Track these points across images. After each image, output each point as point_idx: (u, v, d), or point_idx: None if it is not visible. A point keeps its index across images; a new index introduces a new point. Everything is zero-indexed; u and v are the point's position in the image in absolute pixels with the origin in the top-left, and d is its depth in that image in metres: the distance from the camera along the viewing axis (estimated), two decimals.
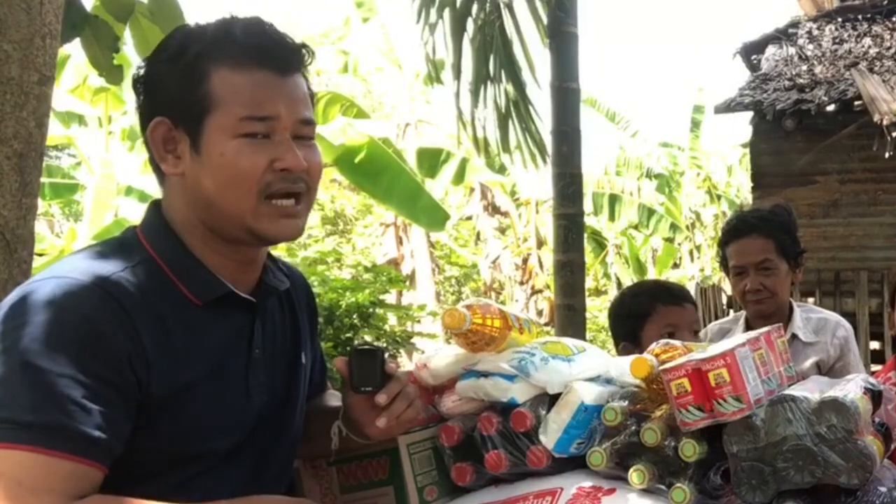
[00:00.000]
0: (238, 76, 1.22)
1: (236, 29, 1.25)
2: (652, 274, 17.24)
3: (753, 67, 10.17)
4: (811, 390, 1.33)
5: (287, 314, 1.42)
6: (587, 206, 13.05)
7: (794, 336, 2.63)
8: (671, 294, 2.36)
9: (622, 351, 2.27)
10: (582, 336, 5.18)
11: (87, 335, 1.13)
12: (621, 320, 2.38)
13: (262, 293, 1.34)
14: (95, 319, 1.14)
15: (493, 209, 16.25)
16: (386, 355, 1.37)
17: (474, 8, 5.38)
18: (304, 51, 1.29)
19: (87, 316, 1.14)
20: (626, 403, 1.39)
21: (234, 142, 1.21)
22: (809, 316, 2.71)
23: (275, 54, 1.25)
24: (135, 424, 1.18)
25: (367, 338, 6.43)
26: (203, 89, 1.22)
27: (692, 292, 9.91)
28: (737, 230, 2.66)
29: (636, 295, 2.44)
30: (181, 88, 1.22)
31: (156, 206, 1.32)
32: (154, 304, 1.20)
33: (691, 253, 18.32)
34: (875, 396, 1.38)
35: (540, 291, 15.89)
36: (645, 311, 2.30)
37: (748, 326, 2.65)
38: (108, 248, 1.27)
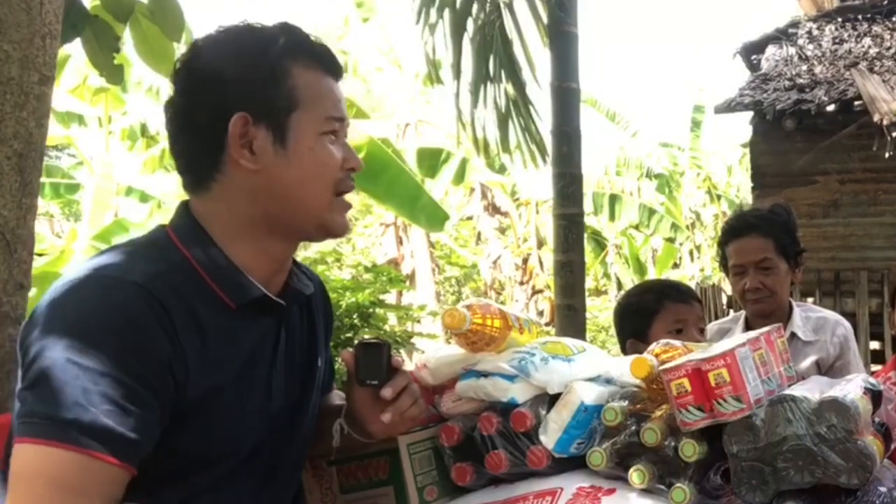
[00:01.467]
0: (314, 77, 1.28)
1: (306, 33, 1.32)
2: (652, 274, 17.23)
3: (753, 67, 10.17)
4: (811, 390, 1.33)
5: (305, 318, 1.42)
6: (587, 206, 13.02)
7: (793, 335, 2.63)
8: (679, 291, 2.37)
9: (630, 348, 2.27)
10: (582, 336, 5.18)
11: (132, 336, 1.13)
12: (628, 318, 2.39)
13: (289, 297, 1.34)
14: (141, 321, 1.14)
15: (493, 209, 16.24)
16: (392, 350, 1.37)
17: (474, 8, 5.38)
18: None
19: (133, 317, 1.14)
20: (626, 403, 1.39)
21: (320, 138, 1.28)
22: (809, 315, 2.71)
23: (334, 61, 1.33)
24: (165, 426, 1.18)
25: (368, 337, 6.42)
26: (287, 87, 1.26)
27: None
28: (736, 229, 2.66)
29: (644, 293, 2.45)
30: (265, 85, 1.25)
31: (187, 208, 1.31)
32: (191, 307, 1.20)
33: (691, 253, 18.31)
34: (875, 396, 1.38)
35: (540, 291, 15.88)
36: (653, 308, 2.31)
37: (748, 326, 2.65)
38: (141, 246, 1.27)
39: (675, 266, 18.09)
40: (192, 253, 1.25)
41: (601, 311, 17.03)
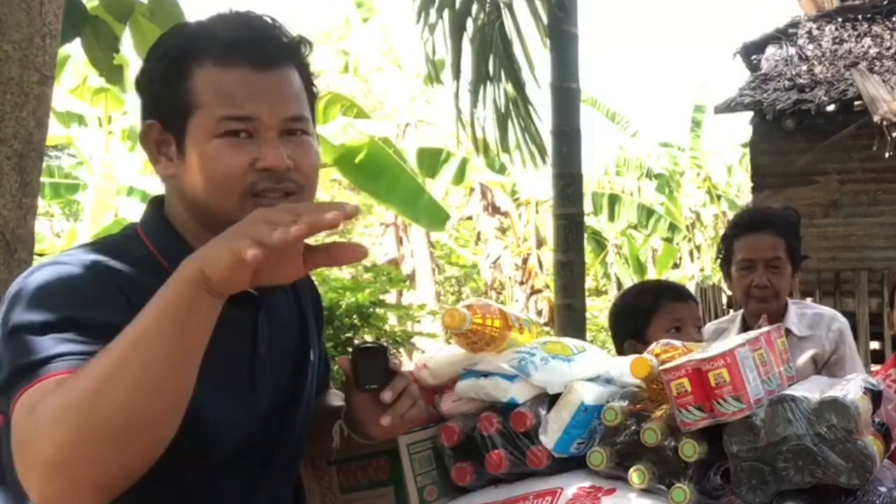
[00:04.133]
0: (219, 73, 1.20)
1: (219, 25, 1.23)
2: (652, 274, 17.23)
3: (753, 67, 10.17)
4: (811, 390, 1.33)
5: (294, 312, 1.42)
6: (587, 206, 13.03)
7: (787, 331, 2.62)
8: (675, 291, 2.38)
9: (628, 348, 2.27)
10: (582, 336, 5.18)
11: (88, 304, 1.13)
12: (625, 319, 2.39)
13: (264, 289, 1.32)
14: (96, 295, 1.15)
15: (493, 209, 16.24)
16: (389, 353, 1.37)
17: (474, 8, 5.39)
18: (297, 43, 1.27)
19: (89, 292, 1.15)
20: (626, 403, 1.39)
21: (213, 142, 1.19)
22: (804, 312, 2.71)
23: (256, 49, 1.21)
24: None
25: (368, 338, 6.42)
26: (185, 89, 1.20)
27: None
28: (750, 224, 2.65)
29: (640, 293, 2.45)
30: (167, 89, 1.22)
31: (156, 203, 1.32)
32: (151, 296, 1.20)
33: (691, 253, 18.31)
34: (875, 396, 1.38)
35: (540, 291, 15.88)
36: (651, 308, 2.31)
37: (745, 325, 2.65)
38: (108, 243, 1.28)
39: (675, 266, 18.09)
40: (156, 247, 1.26)
41: (601, 311, 17.01)
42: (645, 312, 2.32)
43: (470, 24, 5.40)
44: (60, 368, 1.08)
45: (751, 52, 10.29)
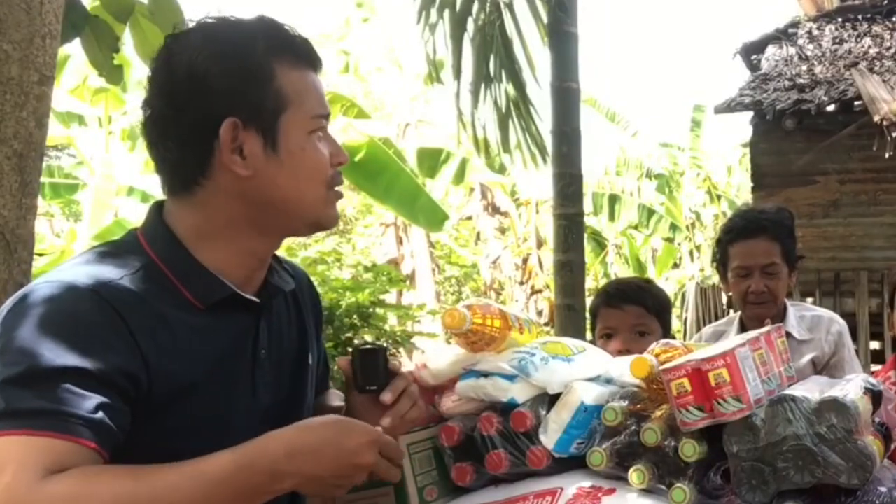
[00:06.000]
0: (298, 74, 1.27)
1: (285, 28, 1.29)
2: (652, 274, 17.22)
3: (753, 67, 10.17)
4: (811, 390, 1.33)
5: (293, 314, 1.42)
6: (587, 206, 13.03)
7: (788, 335, 2.62)
8: (611, 296, 2.34)
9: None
10: (582, 336, 5.18)
11: (81, 336, 1.13)
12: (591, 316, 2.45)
13: (267, 294, 1.34)
14: (91, 325, 1.14)
15: (493, 209, 16.24)
16: (389, 354, 1.37)
17: (474, 8, 5.39)
18: None
19: (82, 319, 1.14)
20: (626, 403, 1.39)
21: (310, 138, 1.27)
22: (803, 314, 2.71)
23: (313, 53, 1.30)
24: (140, 424, 1.17)
25: (368, 338, 6.42)
26: (274, 88, 1.24)
27: (692, 292, 9.61)
28: (745, 230, 2.63)
29: (598, 294, 2.48)
30: (252, 89, 1.23)
31: (157, 209, 1.31)
32: (155, 308, 1.20)
33: (691, 253, 18.30)
34: (875, 396, 1.38)
35: (540, 291, 15.88)
36: (594, 313, 2.35)
37: (743, 328, 2.65)
38: (109, 252, 1.27)
39: (675, 266, 18.08)
40: (159, 256, 1.25)
41: None
42: (593, 315, 2.36)
43: (470, 24, 5.40)
44: (55, 430, 1.07)
45: (751, 52, 10.29)
